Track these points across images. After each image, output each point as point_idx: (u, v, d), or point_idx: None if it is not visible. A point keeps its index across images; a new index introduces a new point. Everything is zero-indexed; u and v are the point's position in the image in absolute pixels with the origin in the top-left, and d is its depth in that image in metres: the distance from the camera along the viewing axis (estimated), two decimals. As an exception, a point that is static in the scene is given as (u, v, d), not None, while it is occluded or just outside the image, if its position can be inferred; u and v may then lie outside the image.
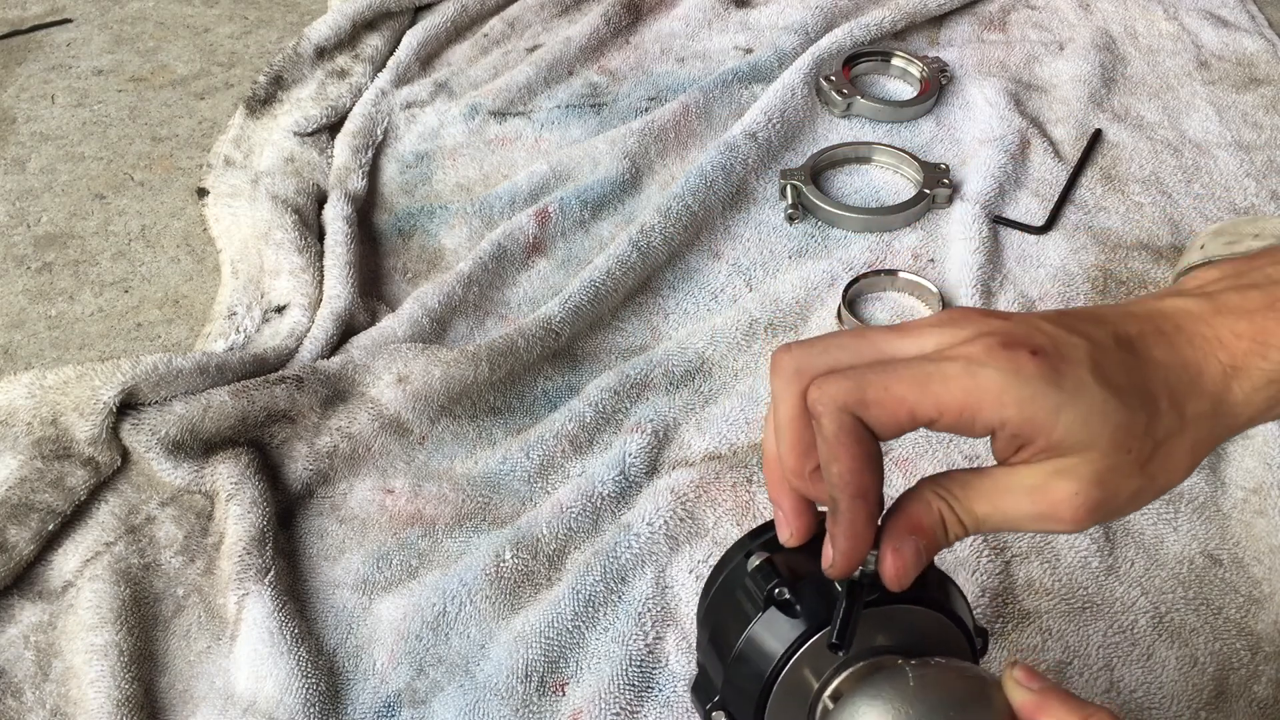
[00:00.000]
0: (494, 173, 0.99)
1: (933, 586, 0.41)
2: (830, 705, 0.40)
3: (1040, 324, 0.35)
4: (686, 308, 0.87)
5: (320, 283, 0.86)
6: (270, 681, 0.62)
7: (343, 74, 1.08)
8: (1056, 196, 0.95)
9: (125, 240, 0.93)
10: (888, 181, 0.98)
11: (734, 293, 0.88)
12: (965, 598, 0.43)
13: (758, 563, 0.42)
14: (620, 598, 0.67)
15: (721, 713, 0.42)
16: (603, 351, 0.83)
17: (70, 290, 0.88)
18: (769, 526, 0.43)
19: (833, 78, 1.05)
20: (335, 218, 0.91)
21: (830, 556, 0.37)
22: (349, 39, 1.11)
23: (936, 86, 1.06)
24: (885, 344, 0.36)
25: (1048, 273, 0.88)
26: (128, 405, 0.70)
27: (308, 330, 0.81)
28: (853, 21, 1.11)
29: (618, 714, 0.62)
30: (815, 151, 0.99)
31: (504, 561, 0.68)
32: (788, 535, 0.40)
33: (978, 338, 0.34)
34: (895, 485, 0.71)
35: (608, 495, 0.72)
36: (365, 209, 0.95)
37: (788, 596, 0.39)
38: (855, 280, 0.86)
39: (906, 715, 0.36)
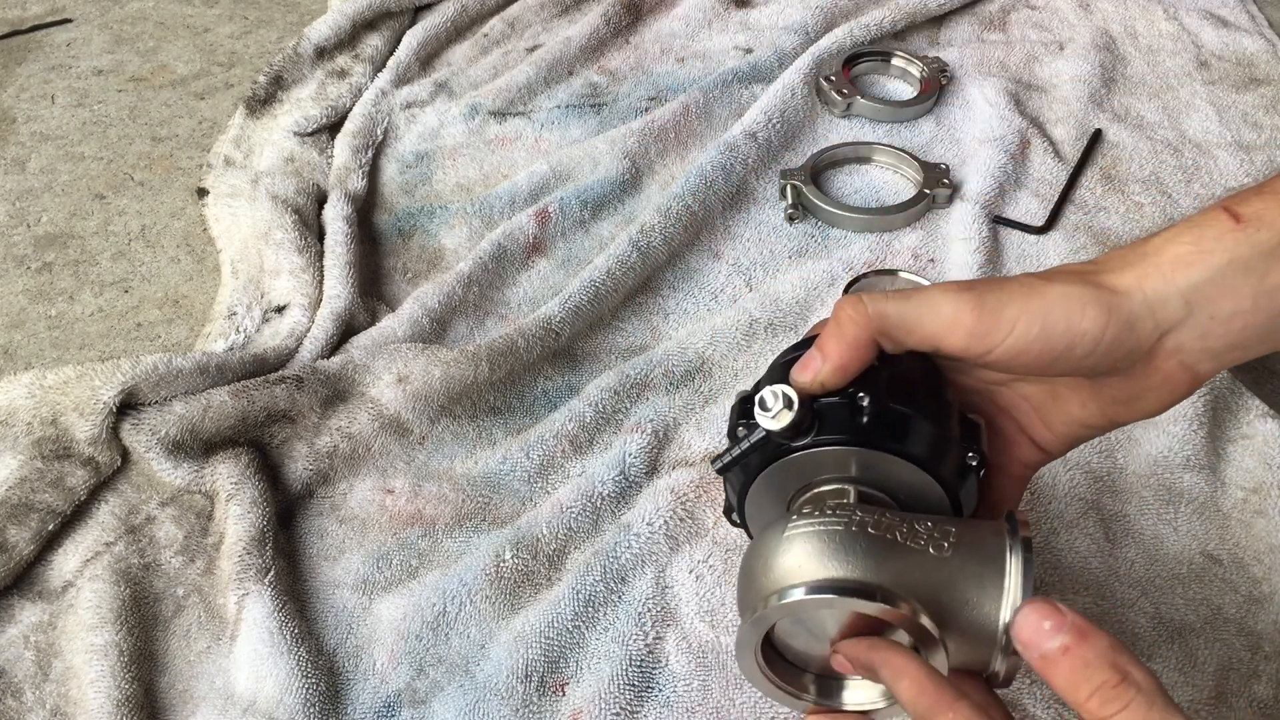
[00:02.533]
0: (494, 173, 0.99)
1: (881, 428, 0.44)
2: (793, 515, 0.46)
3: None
4: (686, 308, 0.87)
5: (320, 283, 0.86)
6: (270, 681, 0.62)
7: (343, 74, 1.08)
8: (1056, 196, 0.95)
9: (125, 240, 0.93)
10: (888, 181, 0.98)
11: (734, 293, 0.88)
12: (967, 441, 0.46)
13: (741, 395, 0.49)
14: (620, 598, 0.67)
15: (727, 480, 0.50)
16: (603, 351, 0.83)
17: (70, 290, 0.88)
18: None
19: (833, 78, 1.05)
20: (335, 218, 0.91)
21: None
22: (349, 39, 1.11)
23: (936, 86, 1.06)
24: None
25: (1048, 273, 0.88)
26: (128, 405, 0.70)
27: (308, 330, 0.81)
28: (853, 21, 1.11)
29: (618, 714, 0.62)
30: (815, 151, 0.99)
31: (504, 561, 0.68)
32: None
33: None
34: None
35: (608, 495, 0.72)
36: (365, 209, 0.95)
37: (740, 436, 0.47)
38: (855, 280, 0.86)
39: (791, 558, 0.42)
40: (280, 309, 0.84)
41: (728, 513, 0.52)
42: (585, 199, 0.93)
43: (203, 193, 0.96)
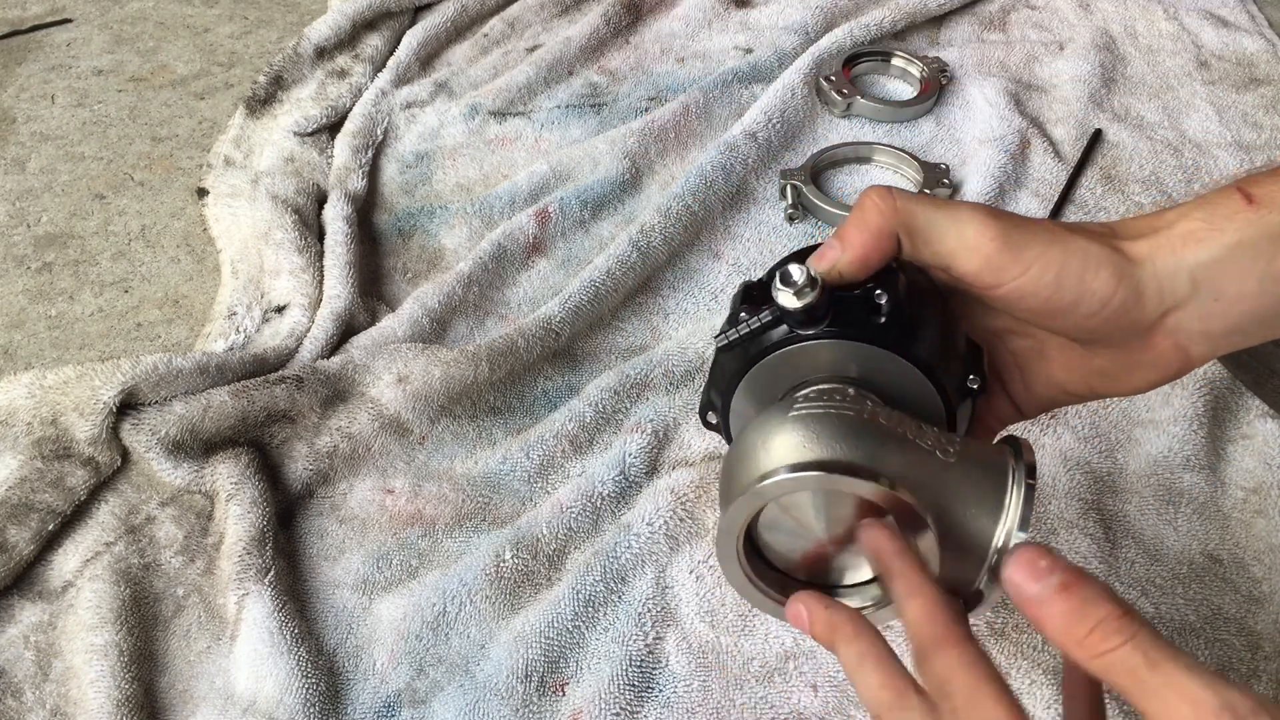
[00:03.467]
0: (494, 173, 0.99)
1: (899, 331, 0.43)
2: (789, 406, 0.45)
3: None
4: (686, 308, 0.87)
5: (320, 283, 0.86)
6: (270, 681, 0.62)
7: (343, 74, 1.08)
8: (1056, 196, 0.95)
9: (125, 240, 0.93)
10: (888, 181, 0.98)
11: (734, 292, 0.88)
12: (968, 354, 0.45)
13: (745, 282, 0.48)
14: (620, 598, 0.67)
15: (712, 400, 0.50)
16: (603, 351, 0.83)
17: (70, 290, 0.88)
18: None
19: (833, 78, 1.05)
20: (335, 218, 0.91)
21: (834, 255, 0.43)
22: (349, 39, 1.11)
23: (936, 86, 1.06)
24: None
25: (1048, 273, 0.88)
26: (128, 405, 0.70)
27: (308, 330, 0.81)
28: (853, 21, 1.11)
29: (618, 714, 0.62)
30: (815, 151, 0.99)
31: (504, 561, 0.68)
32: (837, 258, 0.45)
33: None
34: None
35: (608, 495, 0.72)
36: (365, 209, 0.95)
37: (745, 317, 0.46)
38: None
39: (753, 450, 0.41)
40: (280, 309, 0.84)
41: (703, 412, 0.50)
42: (585, 199, 0.93)
43: (203, 193, 0.96)
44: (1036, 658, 0.64)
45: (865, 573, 0.44)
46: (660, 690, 0.63)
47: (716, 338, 0.46)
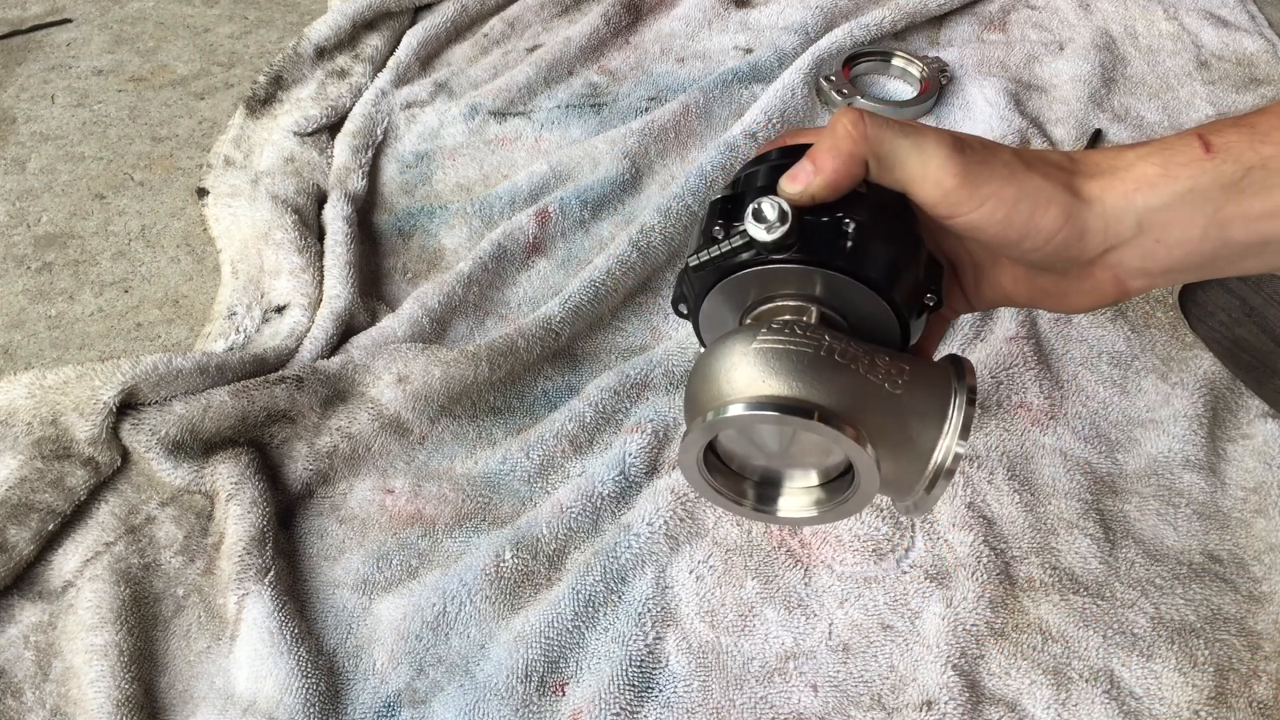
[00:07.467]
0: (494, 173, 0.99)
1: (864, 259, 0.45)
2: (745, 320, 0.48)
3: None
4: (686, 308, 0.87)
5: (320, 283, 0.86)
6: (270, 681, 0.62)
7: (343, 74, 1.08)
8: (1056, 196, 0.95)
9: (125, 240, 0.93)
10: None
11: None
12: (925, 269, 0.47)
13: (721, 195, 0.49)
14: (620, 598, 0.67)
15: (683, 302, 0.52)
16: (603, 351, 0.83)
17: (70, 290, 0.88)
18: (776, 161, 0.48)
19: (833, 78, 1.05)
20: (335, 218, 0.91)
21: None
22: (349, 39, 1.11)
23: (936, 86, 1.06)
24: None
25: (1048, 273, 0.88)
26: (128, 405, 0.70)
27: (308, 330, 0.81)
28: (853, 21, 1.11)
29: (618, 714, 0.62)
30: (815, 151, 0.99)
31: (504, 561, 0.68)
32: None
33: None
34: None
35: (608, 495, 0.72)
36: (365, 209, 0.95)
37: (718, 237, 0.47)
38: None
39: (729, 372, 0.43)
40: (280, 309, 0.84)
41: (675, 304, 0.52)
42: (585, 199, 0.93)
43: (203, 193, 0.96)
44: (1036, 658, 0.64)
45: (813, 479, 0.48)
46: (660, 690, 0.63)
47: (689, 256, 0.48)
